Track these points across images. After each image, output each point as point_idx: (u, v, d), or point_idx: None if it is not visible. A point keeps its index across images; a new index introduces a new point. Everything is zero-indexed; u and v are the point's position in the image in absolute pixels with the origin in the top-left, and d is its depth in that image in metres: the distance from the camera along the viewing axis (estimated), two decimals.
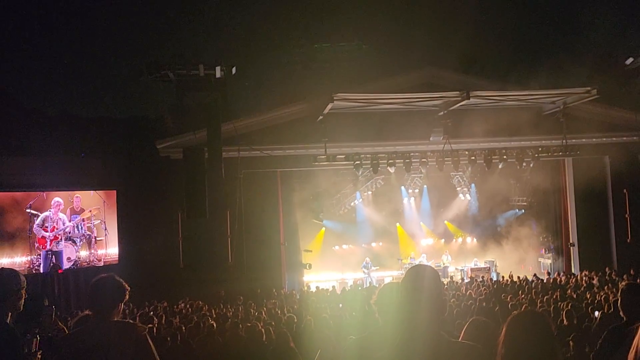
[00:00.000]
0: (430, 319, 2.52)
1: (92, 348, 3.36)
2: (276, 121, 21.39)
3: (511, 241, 25.26)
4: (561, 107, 20.54)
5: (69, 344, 3.48)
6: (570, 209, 23.21)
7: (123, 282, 3.69)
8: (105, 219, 20.26)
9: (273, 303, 15.93)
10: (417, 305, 2.54)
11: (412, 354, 2.48)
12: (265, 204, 21.11)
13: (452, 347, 2.53)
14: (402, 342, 2.52)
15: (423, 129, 20.69)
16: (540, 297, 14.40)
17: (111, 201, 20.46)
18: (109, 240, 20.37)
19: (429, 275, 2.65)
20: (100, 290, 3.57)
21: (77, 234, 19.61)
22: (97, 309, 3.57)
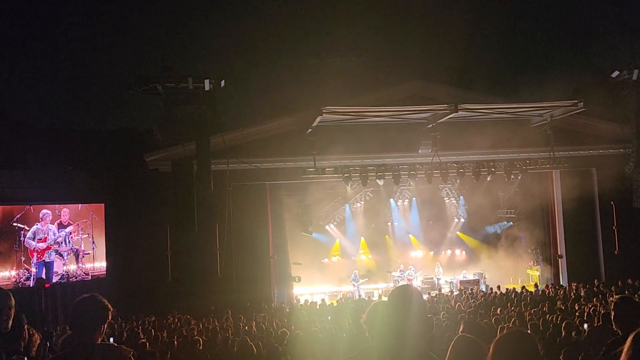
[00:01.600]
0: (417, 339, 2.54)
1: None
2: (265, 134, 21.39)
3: (500, 253, 25.33)
4: (548, 119, 20.73)
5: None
6: (558, 221, 23.34)
7: (105, 302, 3.55)
8: (93, 232, 20.09)
9: (263, 317, 15.85)
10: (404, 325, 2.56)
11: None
12: (255, 217, 21.05)
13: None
14: None
15: (412, 141, 20.77)
16: (528, 309, 14.43)
17: (99, 214, 20.31)
18: (96, 254, 20.20)
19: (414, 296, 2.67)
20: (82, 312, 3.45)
21: (65, 247, 19.43)
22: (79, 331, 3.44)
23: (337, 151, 20.54)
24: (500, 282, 22.41)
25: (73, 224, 19.62)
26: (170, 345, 9.95)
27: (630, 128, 19.53)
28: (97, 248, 20.26)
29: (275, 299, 21.30)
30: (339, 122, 20.01)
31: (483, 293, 20.57)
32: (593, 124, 22.07)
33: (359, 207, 26.89)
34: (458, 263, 27.15)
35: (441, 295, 20.58)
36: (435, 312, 14.66)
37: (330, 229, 27.15)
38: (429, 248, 27.99)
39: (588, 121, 21.90)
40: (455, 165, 21.08)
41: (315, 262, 26.03)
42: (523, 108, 20.39)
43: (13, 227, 18.31)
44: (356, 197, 26.33)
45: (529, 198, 24.12)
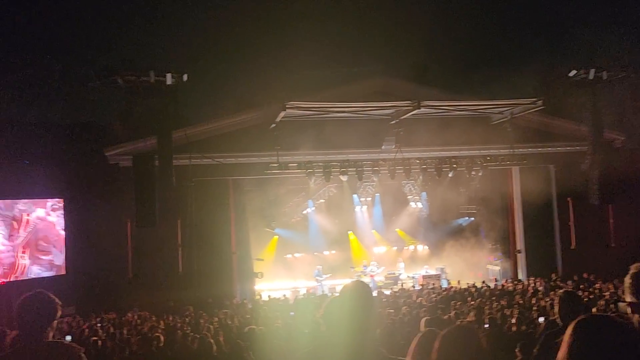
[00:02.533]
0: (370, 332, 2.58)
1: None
2: (228, 129, 21.22)
3: (460, 248, 25.72)
4: (509, 117, 21.09)
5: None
6: (517, 217, 23.81)
7: (53, 298, 3.46)
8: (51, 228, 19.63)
9: (224, 313, 15.74)
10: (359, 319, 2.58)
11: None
12: (217, 213, 20.88)
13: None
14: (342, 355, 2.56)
15: (375, 137, 20.88)
16: (488, 303, 14.69)
17: (57, 210, 19.85)
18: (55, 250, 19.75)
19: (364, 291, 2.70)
20: (28, 310, 3.35)
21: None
22: (27, 329, 3.35)
23: (300, 147, 20.51)
24: (461, 277, 22.80)
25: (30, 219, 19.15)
26: (129, 342, 9.79)
27: (586, 126, 20.04)
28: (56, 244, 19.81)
29: (238, 295, 21.18)
30: (302, 117, 19.98)
31: (444, 288, 20.87)
32: (552, 122, 22.55)
33: (323, 202, 26.95)
34: (420, 258, 27.48)
35: (403, 290, 20.79)
36: (397, 307, 14.81)
37: (293, 224, 27.13)
38: (392, 244, 28.24)
39: (547, 119, 22.36)
40: (417, 162, 21.29)
41: (278, 257, 26.01)
42: (484, 105, 20.71)
43: None
44: (320, 192, 26.38)
45: (490, 194, 24.54)
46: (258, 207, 24.23)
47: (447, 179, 23.04)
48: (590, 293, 15.56)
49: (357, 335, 2.57)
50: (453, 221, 27.70)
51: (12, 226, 18.47)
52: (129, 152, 19.25)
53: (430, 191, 26.54)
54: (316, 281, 24.16)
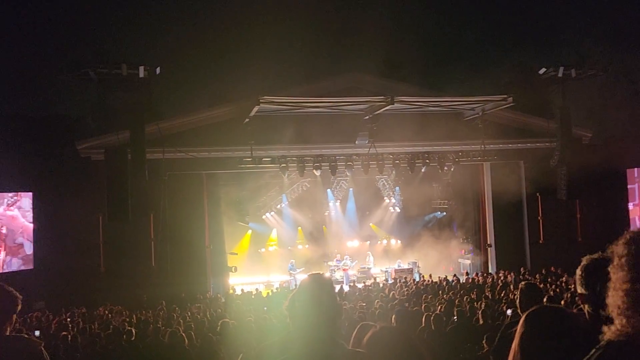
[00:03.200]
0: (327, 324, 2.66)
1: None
2: (202, 123, 21.15)
3: (433, 242, 26.03)
4: (480, 113, 21.38)
5: None
6: (488, 212, 24.18)
7: (13, 290, 3.40)
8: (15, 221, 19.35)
9: (197, 307, 15.74)
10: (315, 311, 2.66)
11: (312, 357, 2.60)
12: (191, 207, 20.81)
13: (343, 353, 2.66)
14: (301, 347, 2.64)
15: (349, 132, 20.99)
16: (458, 296, 14.93)
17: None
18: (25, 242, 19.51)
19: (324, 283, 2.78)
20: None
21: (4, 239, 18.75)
22: None
23: (274, 141, 20.54)
24: (433, 271, 23.06)
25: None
26: (99, 337, 9.77)
27: (555, 123, 20.43)
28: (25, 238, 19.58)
29: (211, 289, 21.17)
30: (276, 112, 20.00)
31: (416, 281, 21.12)
32: (522, 119, 22.93)
33: (296, 197, 27.02)
34: (393, 252, 27.72)
35: (376, 284, 20.99)
36: (370, 301, 14.96)
37: (267, 218, 27.17)
38: (365, 238, 28.45)
39: (517, 116, 22.74)
40: (391, 157, 21.48)
41: (251, 252, 26.02)
42: (456, 101, 20.97)
43: None
44: (293, 187, 26.45)
45: (461, 189, 24.88)
46: (232, 201, 24.22)
47: (420, 174, 23.29)
48: (557, 286, 15.91)
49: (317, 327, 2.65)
50: (426, 216, 28.02)
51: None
52: (102, 146, 19.07)
53: (403, 186, 26.79)
54: (290, 275, 24.25)
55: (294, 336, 2.73)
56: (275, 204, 27.06)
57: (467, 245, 25.97)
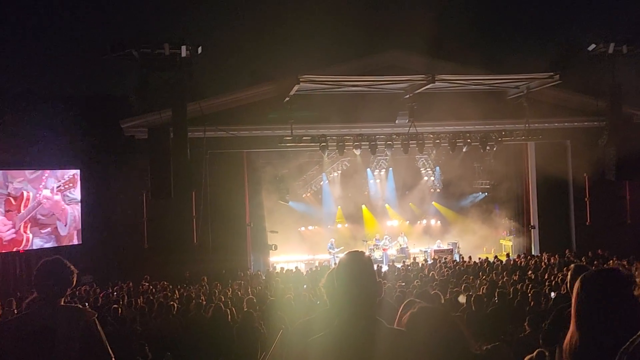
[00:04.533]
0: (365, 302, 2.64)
1: (38, 332, 3.26)
2: (243, 102, 21.26)
3: (474, 223, 25.72)
4: (525, 91, 20.88)
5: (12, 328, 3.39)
6: (531, 192, 23.72)
7: (69, 265, 3.55)
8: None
9: (238, 284, 15.98)
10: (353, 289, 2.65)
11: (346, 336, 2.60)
12: (231, 185, 21.04)
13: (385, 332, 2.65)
14: (338, 324, 2.63)
15: (389, 111, 20.81)
16: (500, 278, 14.75)
17: (75, 181, 20.13)
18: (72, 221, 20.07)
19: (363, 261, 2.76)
20: (46, 275, 3.45)
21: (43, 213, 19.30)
22: (44, 293, 3.45)
23: (314, 120, 20.53)
24: (473, 252, 22.84)
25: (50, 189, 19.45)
26: (144, 311, 10.02)
27: (605, 101, 19.80)
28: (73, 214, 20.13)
29: (252, 266, 21.45)
30: (316, 91, 19.95)
31: (456, 262, 20.95)
32: (569, 97, 22.30)
33: (336, 176, 27.00)
34: (433, 233, 27.54)
35: (415, 264, 20.91)
36: (408, 281, 14.92)
37: (307, 197, 27.27)
38: (405, 218, 28.29)
39: (564, 94, 22.11)
40: (431, 136, 21.20)
41: (292, 230, 26.20)
42: (500, 80, 20.49)
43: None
44: (333, 166, 26.42)
45: (504, 169, 24.44)
46: (272, 179, 24.37)
47: (461, 154, 22.96)
48: None
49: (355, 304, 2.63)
50: (467, 196, 27.66)
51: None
52: (145, 125, 19.40)
53: (443, 166, 26.47)
54: (329, 254, 24.36)
55: (332, 313, 2.73)
56: (315, 182, 27.11)
57: (509, 226, 25.57)
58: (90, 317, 3.41)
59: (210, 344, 8.08)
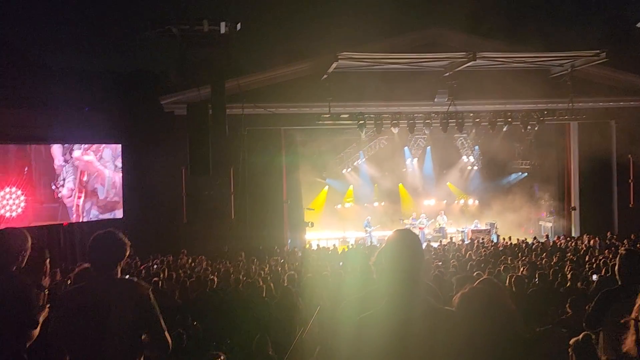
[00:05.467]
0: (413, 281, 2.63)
1: (93, 304, 3.32)
2: (281, 79, 21.26)
3: (513, 204, 25.35)
4: (569, 69, 20.35)
5: (69, 300, 3.46)
6: (573, 173, 23.22)
7: (123, 237, 3.59)
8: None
9: (275, 260, 16.14)
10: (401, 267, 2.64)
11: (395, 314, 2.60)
12: (269, 162, 21.16)
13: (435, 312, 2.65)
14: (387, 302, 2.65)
15: (428, 89, 20.56)
16: (539, 259, 14.55)
17: (107, 154, 20.45)
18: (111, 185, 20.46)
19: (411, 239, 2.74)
20: (100, 247, 3.50)
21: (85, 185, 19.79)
22: (98, 265, 3.50)
23: (352, 98, 20.40)
24: (512, 233, 22.53)
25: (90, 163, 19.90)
26: (183, 284, 10.21)
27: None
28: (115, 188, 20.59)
29: (288, 243, 21.62)
30: (355, 68, 19.80)
31: (494, 243, 20.73)
32: (614, 75, 21.64)
33: (373, 154, 26.87)
34: (470, 212, 27.25)
35: (452, 244, 20.77)
36: (445, 260, 14.84)
37: (344, 175, 27.23)
38: (442, 197, 28.05)
39: (609, 72, 21.46)
40: (471, 115, 20.87)
41: (328, 208, 26.25)
42: (544, 57, 20.01)
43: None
44: (371, 144, 26.29)
45: (545, 149, 23.95)
46: (309, 157, 24.39)
47: (501, 133, 22.58)
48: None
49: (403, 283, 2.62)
50: (506, 176, 27.23)
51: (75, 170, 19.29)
52: (184, 101, 19.58)
53: (483, 145, 26.07)
54: (365, 232, 24.38)
55: (380, 292, 2.73)
56: (352, 160, 27.03)
57: (549, 207, 25.13)
58: (145, 290, 3.46)
59: (249, 319, 8.19)
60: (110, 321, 3.26)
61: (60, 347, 3.42)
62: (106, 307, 3.30)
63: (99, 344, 3.27)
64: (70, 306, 3.37)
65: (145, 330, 3.41)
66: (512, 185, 26.88)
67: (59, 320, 3.43)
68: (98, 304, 3.31)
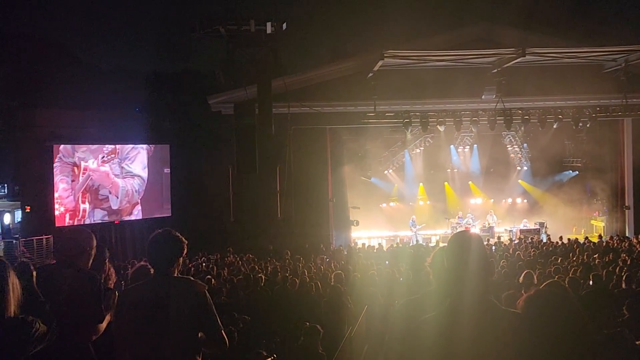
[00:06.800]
0: (478, 282, 2.58)
1: (152, 302, 3.40)
2: (326, 78, 21.29)
3: (563, 203, 24.74)
4: (623, 64, 19.72)
5: (129, 297, 3.54)
6: (627, 171, 22.52)
7: (180, 236, 3.66)
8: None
9: (321, 258, 16.17)
10: (464, 270, 2.60)
11: (459, 316, 2.57)
12: (314, 161, 21.22)
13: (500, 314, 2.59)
14: (450, 304, 2.61)
15: (475, 86, 20.25)
16: (592, 260, 14.16)
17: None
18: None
19: (475, 240, 2.70)
20: (157, 246, 3.57)
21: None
22: (156, 264, 3.59)
23: (397, 96, 20.27)
24: (562, 233, 21.96)
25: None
26: (231, 281, 10.34)
27: None
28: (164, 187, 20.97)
29: (334, 241, 21.64)
30: (400, 66, 19.66)
31: (543, 242, 20.28)
32: None
33: (419, 152, 26.62)
34: (519, 212, 26.69)
35: (500, 243, 20.41)
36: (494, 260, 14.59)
37: (389, 174, 27.09)
38: (489, 196, 27.58)
39: None
40: (520, 112, 20.45)
41: (373, 206, 26.15)
42: (596, 52, 19.43)
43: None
44: (416, 142, 26.05)
45: (597, 147, 23.27)
46: (355, 155, 24.36)
47: (551, 130, 22.06)
48: None
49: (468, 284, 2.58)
50: (556, 174, 26.56)
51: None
52: (231, 100, 19.82)
53: (532, 142, 25.52)
54: (410, 231, 24.20)
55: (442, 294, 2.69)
56: (398, 159, 26.86)
57: (601, 206, 24.41)
58: (201, 289, 3.52)
59: (298, 316, 8.24)
60: (168, 319, 3.33)
61: (122, 344, 3.51)
62: (165, 305, 3.37)
63: (158, 341, 3.35)
64: (130, 303, 3.46)
65: (203, 328, 3.48)
66: (562, 184, 26.22)
67: (120, 317, 3.53)
68: (157, 302, 3.39)
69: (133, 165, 20.61)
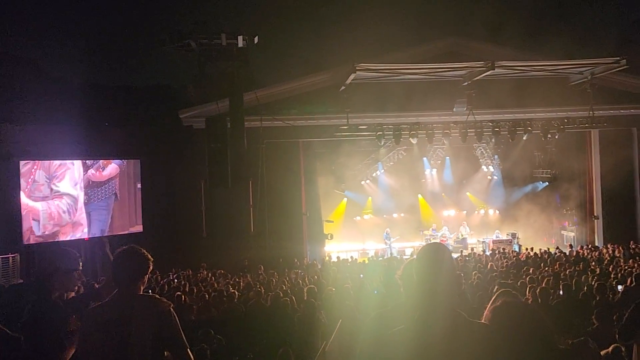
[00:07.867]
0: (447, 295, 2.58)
1: (114, 321, 3.33)
2: (298, 91, 21.32)
3: (534, 213, 25.06)
4: (589, 77, 20.13)
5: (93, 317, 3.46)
6: (595, 182, 22.93)
7: (145, 253, 3.60)
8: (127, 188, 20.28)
9: (295, 272, 16.07)
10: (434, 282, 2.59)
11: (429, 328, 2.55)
12: (287, 174, 21.18)
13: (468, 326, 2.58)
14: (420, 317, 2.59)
15: (446, 99, 20.47)
16: (562, 270, 14.32)
17: (134, 170, 20.58)
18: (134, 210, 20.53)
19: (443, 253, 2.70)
20: (122, 263, 3.51)
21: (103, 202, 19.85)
22: (120, 282, 3.51)
23: (370, 109, 20.38)
24: (533, 243, 22.26)
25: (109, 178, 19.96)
26: (203, 298, 10.19)
27: None
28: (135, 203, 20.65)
29: (308, 255, 21.56)
30: (372, 79, 19.79)
31: (516, 253, 20.48)
32: (635, 82, 21.40)
33: (392, 165, 26.76)
34: (491, 223, 26.97)
35: (473, 254, 20.55)
36: (467, 272, 14.66)
37: (362, 186, 27.15)
38: (462, 208, 27.82)
39: (630, 79, 21.25)
40: (490, 124, 20.70)
41: (347, 220, 26.16)
42: (562, 65, 19.82)
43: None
44: (389, 155, 26.20)
45: (566, 158, 23.67)
46: (328, 168, 24.38)
47: (521, 142, 22.36)
48: None
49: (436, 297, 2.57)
50: (526, 185, 26.92)
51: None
52: (202, 115, 19.64)
53: (502, 154, 25.86)
54: (385, 243, 24.24)
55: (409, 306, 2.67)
56: (371, 172, 26.95)
57: (571, 217, 24.78)
58: (166, 307, 3.45)
59: (272, 333, 8.14)
60: (132, 337, 3.25)
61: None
62: (128, 323, 3.29)
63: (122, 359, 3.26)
64: (94, 322, 3.37)
65: (168, 347, 3.40)
66: (533, 195, 26.57)
67: (84, 337, 3.43)
68: (119, 320, 3.31)
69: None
